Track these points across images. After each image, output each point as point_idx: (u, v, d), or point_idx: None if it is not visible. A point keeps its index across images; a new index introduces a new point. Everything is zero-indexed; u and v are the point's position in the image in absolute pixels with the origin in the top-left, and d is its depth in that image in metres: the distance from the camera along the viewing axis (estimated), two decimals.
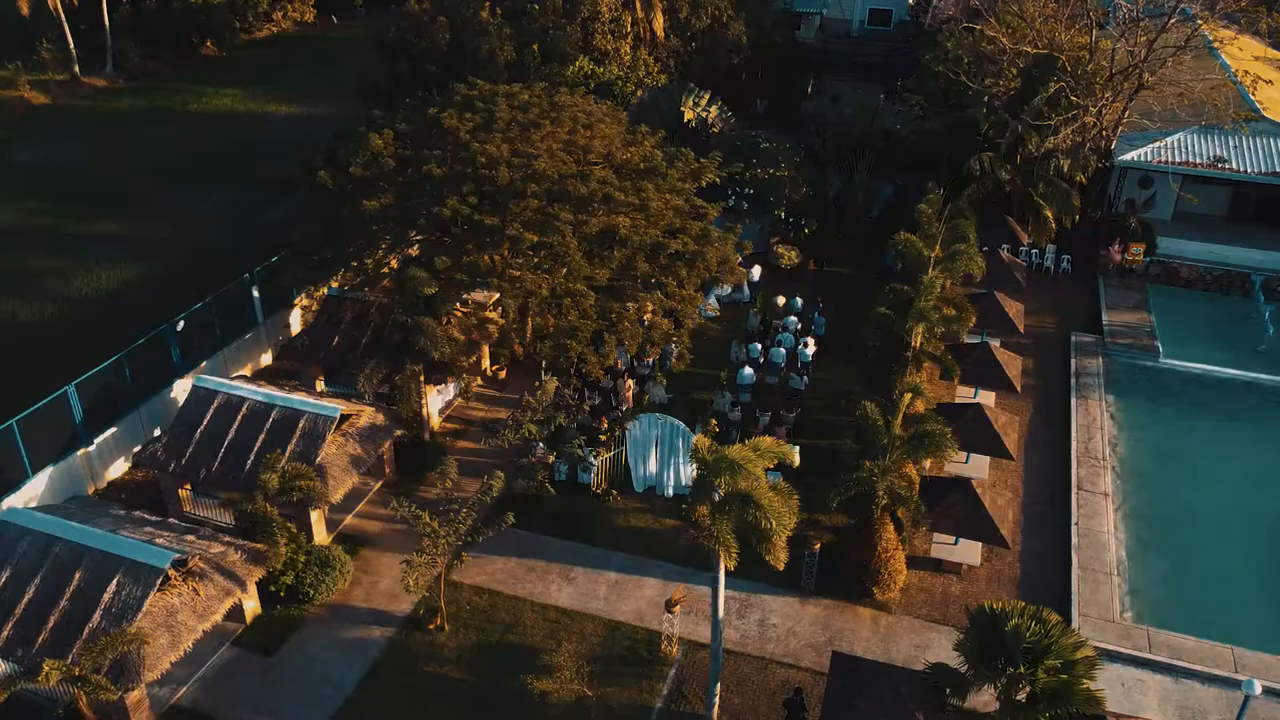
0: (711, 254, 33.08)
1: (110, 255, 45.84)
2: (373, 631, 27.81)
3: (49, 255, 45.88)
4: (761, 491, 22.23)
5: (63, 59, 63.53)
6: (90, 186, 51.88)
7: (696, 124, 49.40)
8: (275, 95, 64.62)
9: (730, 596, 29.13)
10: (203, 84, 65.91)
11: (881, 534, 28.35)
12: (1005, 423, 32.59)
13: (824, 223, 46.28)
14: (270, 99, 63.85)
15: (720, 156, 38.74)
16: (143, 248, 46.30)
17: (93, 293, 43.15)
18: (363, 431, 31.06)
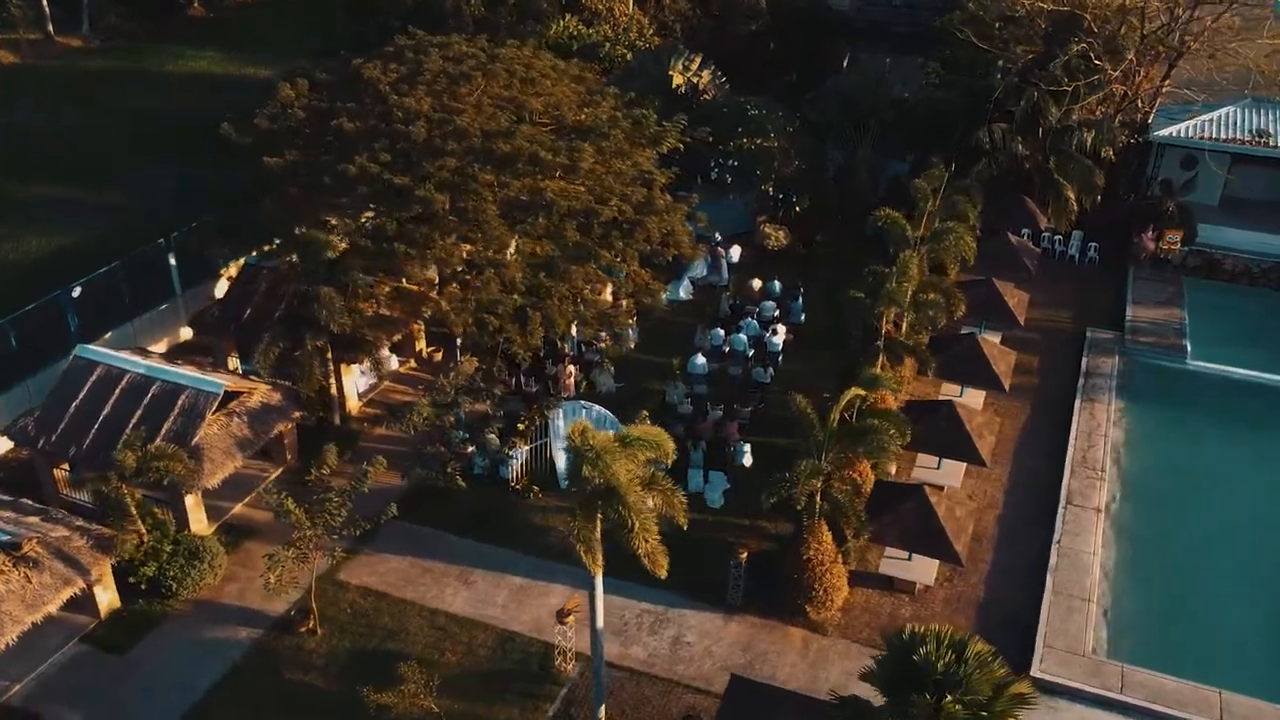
0: (652, 224, 31.20)
1: (49, 221, 45.25)
2: (239, 632, 26.48)
3: None
4: (628, 486, 20.35)
5: (35, 17, 63.59)
6: (47, 150, 51.51)
7: (686, 90, 47.50)
8: (256, 58, 63.94)
9: (645, 610, 27.34)
10: (181, 45, 65.58)
11: (814, 544, 26.24)
12: (981, 424, 30.26)
13: (819, 201, 44.04)
14: (250, 61, 63.22)
15: (684, 121, 36.83)
16: (87, 215, 45.63)
17: (19, 258, 42.58)
18: (253, 411, 29.78)
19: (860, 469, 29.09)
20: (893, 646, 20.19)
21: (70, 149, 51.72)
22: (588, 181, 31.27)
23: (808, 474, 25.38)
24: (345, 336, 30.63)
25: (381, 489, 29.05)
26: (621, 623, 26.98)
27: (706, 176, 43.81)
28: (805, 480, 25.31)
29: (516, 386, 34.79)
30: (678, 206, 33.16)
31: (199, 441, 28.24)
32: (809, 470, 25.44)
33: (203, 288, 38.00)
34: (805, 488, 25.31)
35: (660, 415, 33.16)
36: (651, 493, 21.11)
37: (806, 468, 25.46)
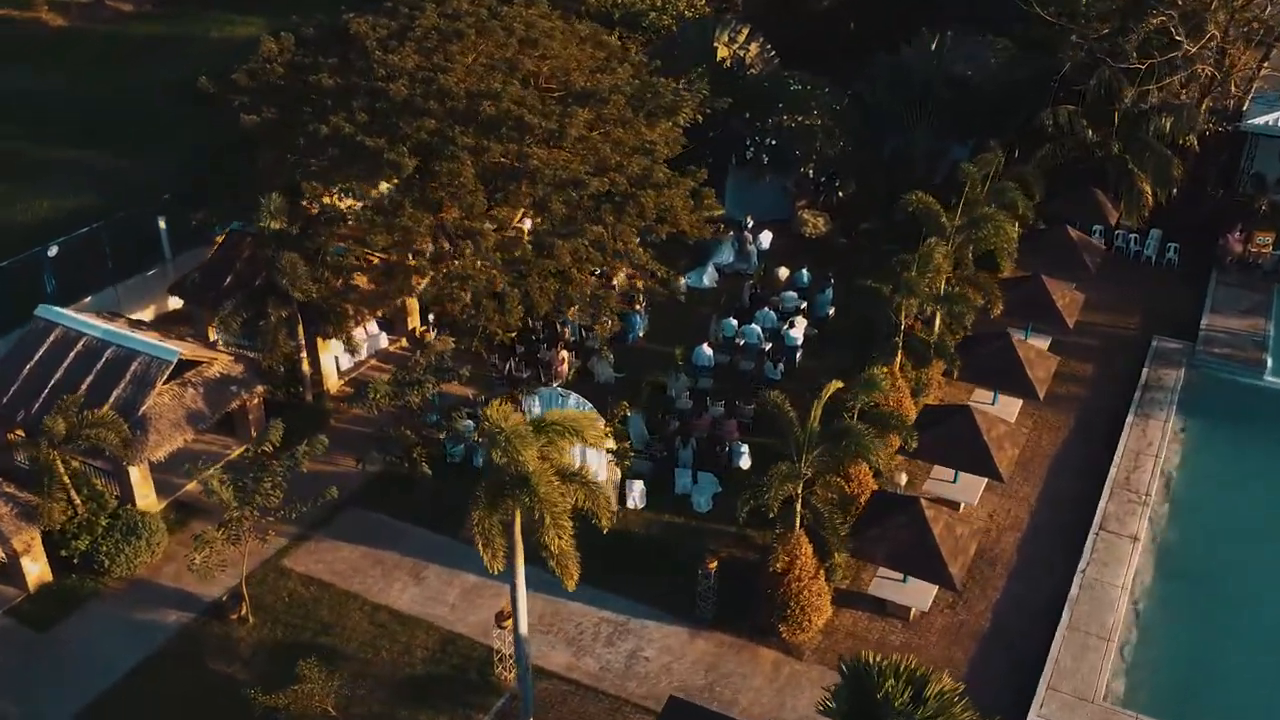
0: (647, 199, 29.64)
1: (63, 186, 45.57)
2: (169, 615, 25.81)
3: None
4: (540, 475, 18.90)
5: None
6: (78, 116, 52.14)
7: (732, 63, 45.78)
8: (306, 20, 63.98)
9: (605, 619, 25.91)
10: (229, 11, 66.08)
11: (789, 557, 24.43)
12: (1003, 434, 28.06)
13: (866, 186, 41.90)
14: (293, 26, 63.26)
15: (706, 90, 35.17)
16: (102, 181, 45.82)
17: (27, 220, 42.89)
18: (210, 383, 29.16)
19: (860, 477, 27.18)
20: (847, 676, 18.50)
21: (99, 114, 52.22)
22: (580, 150, 29.87)
23: (781, 478, 23.59)
24: (320, 309, 29.79)
25: (348, 474, 28.23)
26: (576, 631, 25.59)
27: (742, 156, 42.07)
28: (778, 485, 23.52)
29: (507, 371, 33.65)
30: (681, 181, 31.53)
31: (146, 411, 27.69)
32: (783, 474, 23.64)
33: (196, 254, 37.64)
34: (778, 493, 23.51)
35: (656, 410, 31.71)
36: (573, 486, 19.62)
37: (780, 471, 23.67)
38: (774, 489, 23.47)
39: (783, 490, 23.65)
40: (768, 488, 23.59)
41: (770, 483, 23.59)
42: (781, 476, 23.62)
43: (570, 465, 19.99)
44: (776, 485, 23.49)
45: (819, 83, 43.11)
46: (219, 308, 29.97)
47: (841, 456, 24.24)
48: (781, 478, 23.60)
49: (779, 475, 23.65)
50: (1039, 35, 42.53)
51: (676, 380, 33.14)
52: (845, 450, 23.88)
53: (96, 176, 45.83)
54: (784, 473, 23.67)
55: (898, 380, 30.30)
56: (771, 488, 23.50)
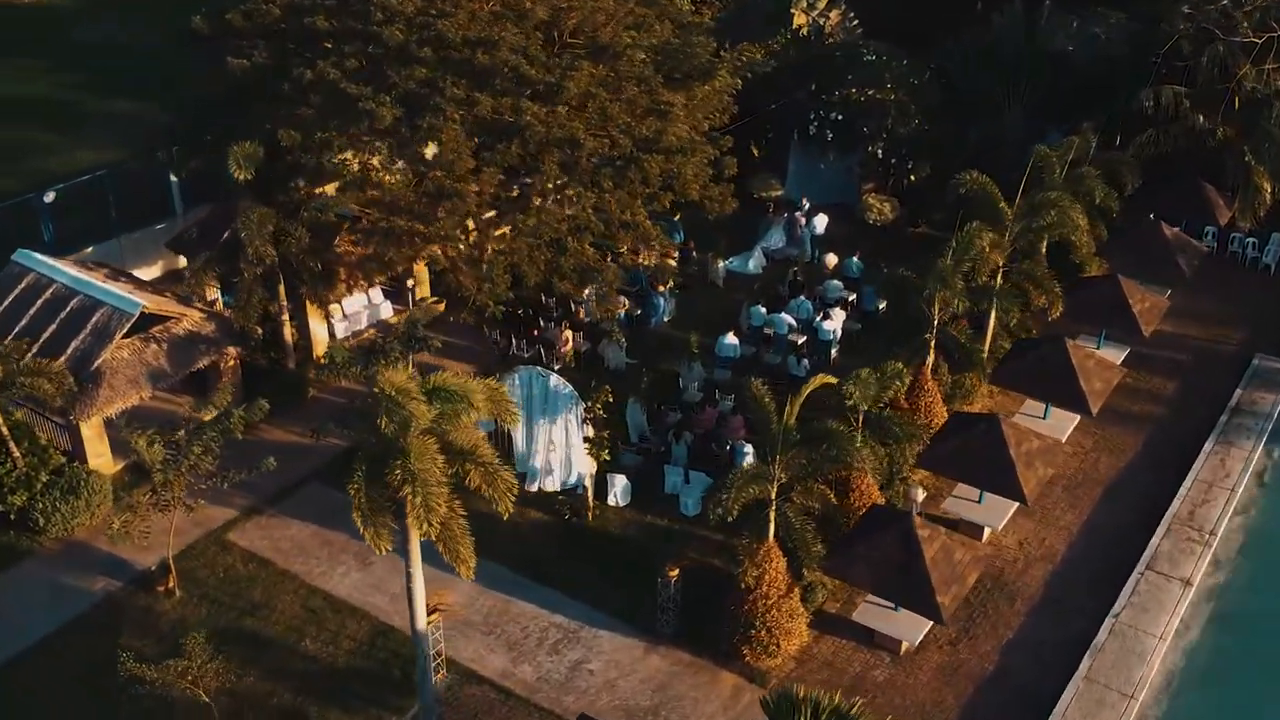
0: (651, 163, 27.90)
1: (110, 138, 46.14)
2: (97, 582, 25.30)
3: (48, 129, 46.83)
4: (419, 447, 17.45)
5: None
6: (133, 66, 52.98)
7: (810, 31, 43.64)
8: None
9: (555, 624, 24.41)
10: None
11: (760, 571, 22.47)
12: (1034, 451, 25.49)
13: (942, 170, 39.12)
14: None
15: (756, 52, 33.21)
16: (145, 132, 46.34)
17: (61, 169, 43.41)
18: (176, 340, 28.65)
19: (862, 488, 25.01)
20: (768, 709, 16.71)
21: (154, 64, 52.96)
22: (586, 109, 28.34)
23: (745, 480, 21.64)
24: (298, 269, 29.00)
25: (322, 448, 27.29)
26: (521, 634, 24.14)
27: (805, 132, 39.93)
28: (740, 487, 21.58)
29: (508, 348, 32.41)
30: (699, 148, 29.65)
31: (102, 365, 27.28)
32: (747, 475, 21.69)
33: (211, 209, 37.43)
34: (739, 497, 21.57)
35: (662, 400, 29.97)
36: (469, 465, 18.13)
37: (744, 472, 21.73)
38: (734, 491, 21.52)
39: (746, 493, 21.66)
40: (728, 489, 21.66)
41: (732, 483, 21.64)
42: (745, 478, 21.66)
43: (469, 440, 18.45)
44: (738, 487, 21.53)
45: (897, 54, 40.56)
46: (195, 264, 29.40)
47: (821, 462, 22.13)
48: (745, 479, 21.63)
49: (743, 476, 21.70)
50: (1143, 4, 39.22)
51: (690, 370, 31.33)
52: (824, 455, 21.76)
53: (137, 128, 46.20)
54: (748, 474, 21.70)
55: (927, 383, 27.93)
56: (732, 489, 21.55)
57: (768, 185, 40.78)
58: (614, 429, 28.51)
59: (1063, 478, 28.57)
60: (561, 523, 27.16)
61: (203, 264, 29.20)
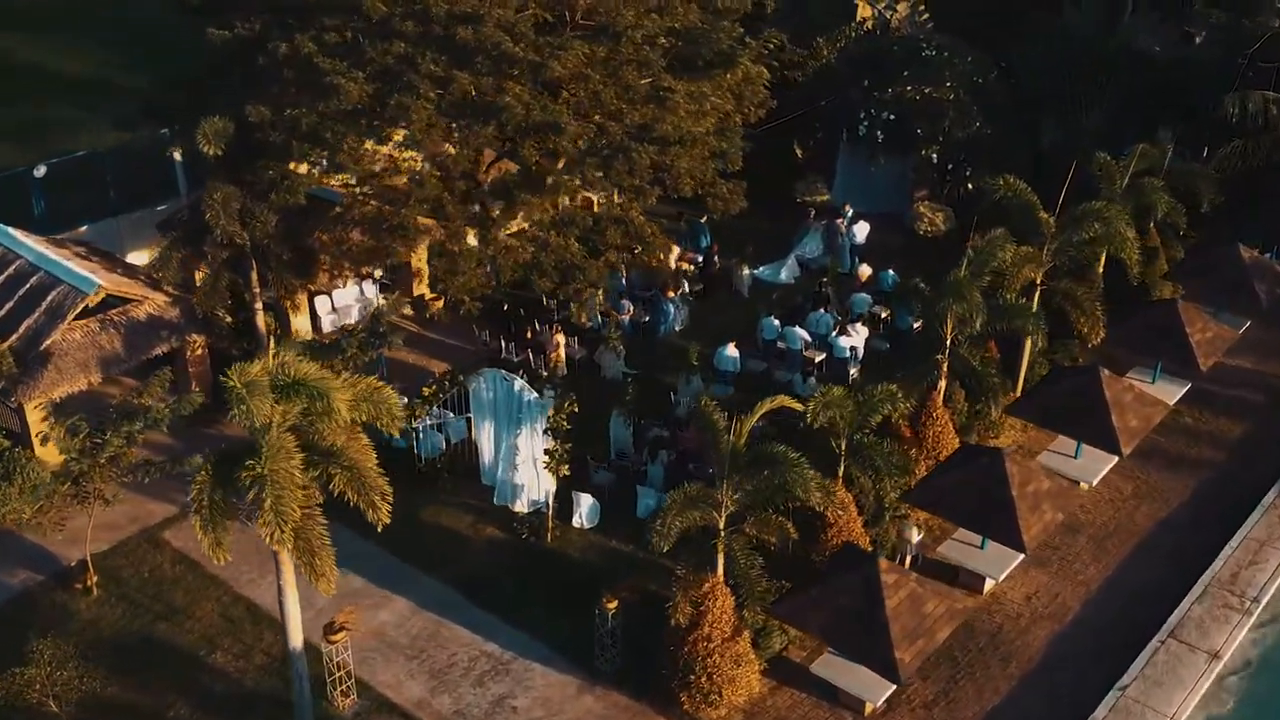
0: (640, 153, 26.34)
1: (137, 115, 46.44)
2: (17, 575, 24.76)
3: (82, 106, 47.25)
4: (276, 445, 16.21)
5: None
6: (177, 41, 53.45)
7: (875, 24, 41.67)
8: None
9: (486, 652, 23.09)
10: None
11: (702, 609, 20.72)
12: (1043, 493, 23.28)
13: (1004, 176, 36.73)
14: None
15: (779, 39, 31.46)
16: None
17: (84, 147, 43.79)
18: (135, 324, 28.10)
19: (843, 524, 23.05)
20: None
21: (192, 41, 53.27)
22: (576, 92, 26.99)
23: (681, 505, 19.94)
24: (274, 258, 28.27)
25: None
26: (447, 661, 22.81)
27: (854, 131, 37.94)
28: (675, 513, 19.88)
29: (499, 351, 31.20)
30: (700, 139, 27.99)
31: (51, 346, 26.81)
32: (683, 500, 19.98)
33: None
34: (671, 525, 19.86)
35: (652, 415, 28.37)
36: (332, 469, 16.84)
37: (679, 497, 20.03)
38: (668, 517, 19.82)
39: (685, 520, 19.94)
40: (661, 514, 19.98)
41: (667, 509, 19.96)
42: (683, 502, 19.94)
43: (340, 440, 17.17)
44: (674, 512, 19.82)
45: (961, 50, 38.29)
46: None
47: (768, 490, 20.30)
48: (683, 504, 19.92)
49: (680, 500, 19.99)
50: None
51: (686, 384, 29.66)
52: (769, 482, 19.93)
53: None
54: (688, 498, 19.98)
55: (936, 410, 25.80)
56: (666, 515, 19.86)
57: (813, 189, 38.94)
58: (590, 443, 27.14)
59: (1090, 526, 26.18)
60: (518, 542, 25.76)
61: (169, 245, 28.58)
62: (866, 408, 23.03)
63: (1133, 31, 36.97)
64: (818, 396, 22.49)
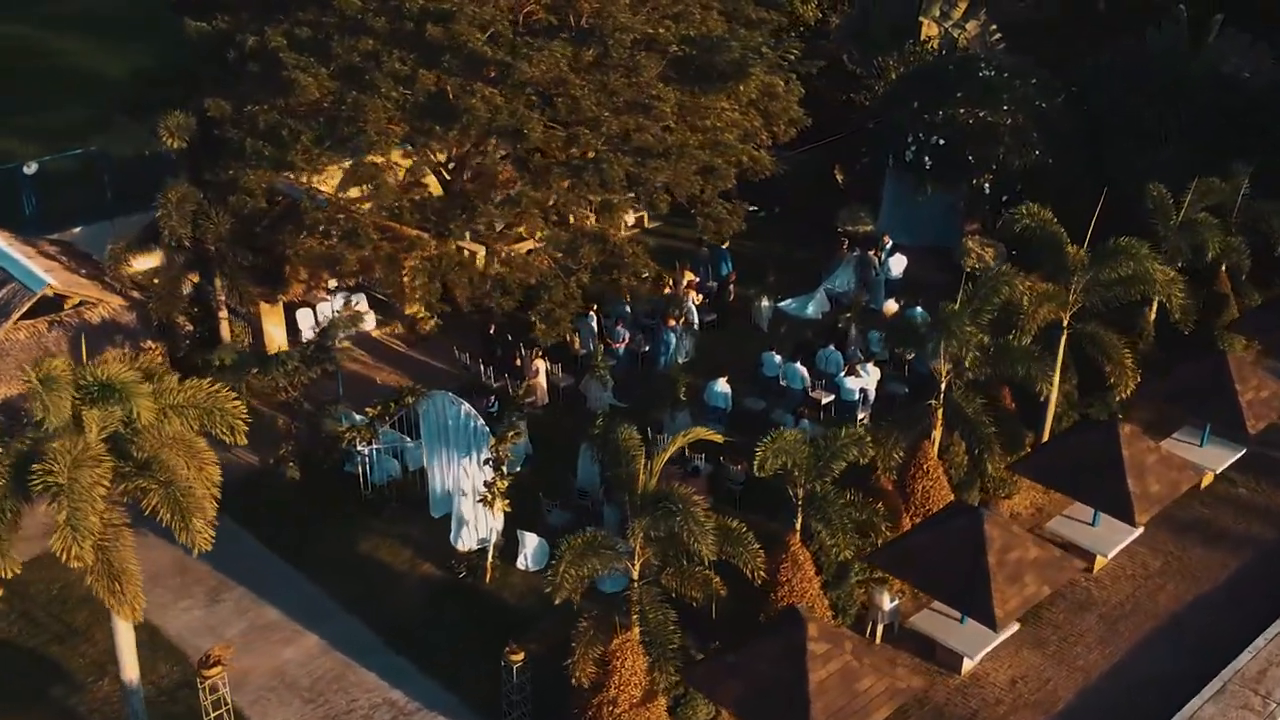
0: (615, 167, 24.92)
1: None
2: None
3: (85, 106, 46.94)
4: (75, 452, 15.12)
5: None
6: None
7: (941, 44, 39.75)
8: None
9: (389, 700, 21.83)
10: None
11: (608, 670, 19.03)
12: (1027, 563, 21.10)
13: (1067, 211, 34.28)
14: None
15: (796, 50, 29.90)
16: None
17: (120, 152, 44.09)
18: (87, 328, 27.61)
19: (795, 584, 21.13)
20: None
21: None
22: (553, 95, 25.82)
23: (577, 553, 18.31)
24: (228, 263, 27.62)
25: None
26: (345, 707, 21.55)
27: (901, 157, 35.97)
28: (571, 561, 18.26)
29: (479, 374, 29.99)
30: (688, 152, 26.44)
31: None
32: (580, 547, 18.36)
33: None
34: (567, 574, 18.24)
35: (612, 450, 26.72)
36: (145, 482, 15.68)
37: (577, 544, 18.41)
38: (563, 565, 18.20)
39: (579, 570, 18.31)
40: (558, 559, 18.39)
41: (561, 556, 18.35)
42: (579, 549, 18.31)
43: (157, 454, 16.01)
44: (567, 561, 18.19)
45: (1026, 71, 36.08)
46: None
47: (676, 544, 18.58)
48: (579, 551, 18.29)
49: (577, 547, 18.37)
50: None
51: (672, 420, 27.99)
52: (679, 530, 18.17)
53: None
54: (583, 545, 18.35)
55: (927, 463, 23.68)
56: (559, 564, 18.25)
57: (856, 219, 37.10)
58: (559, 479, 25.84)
59: (1103, 604, 23.77)
60: (454, 582, 24.38)
61: (125, 246, 28.14)
62: (827, 454, 21.09)
63: (1219, 54, 34.26)
64: (767, 442, 20.62)
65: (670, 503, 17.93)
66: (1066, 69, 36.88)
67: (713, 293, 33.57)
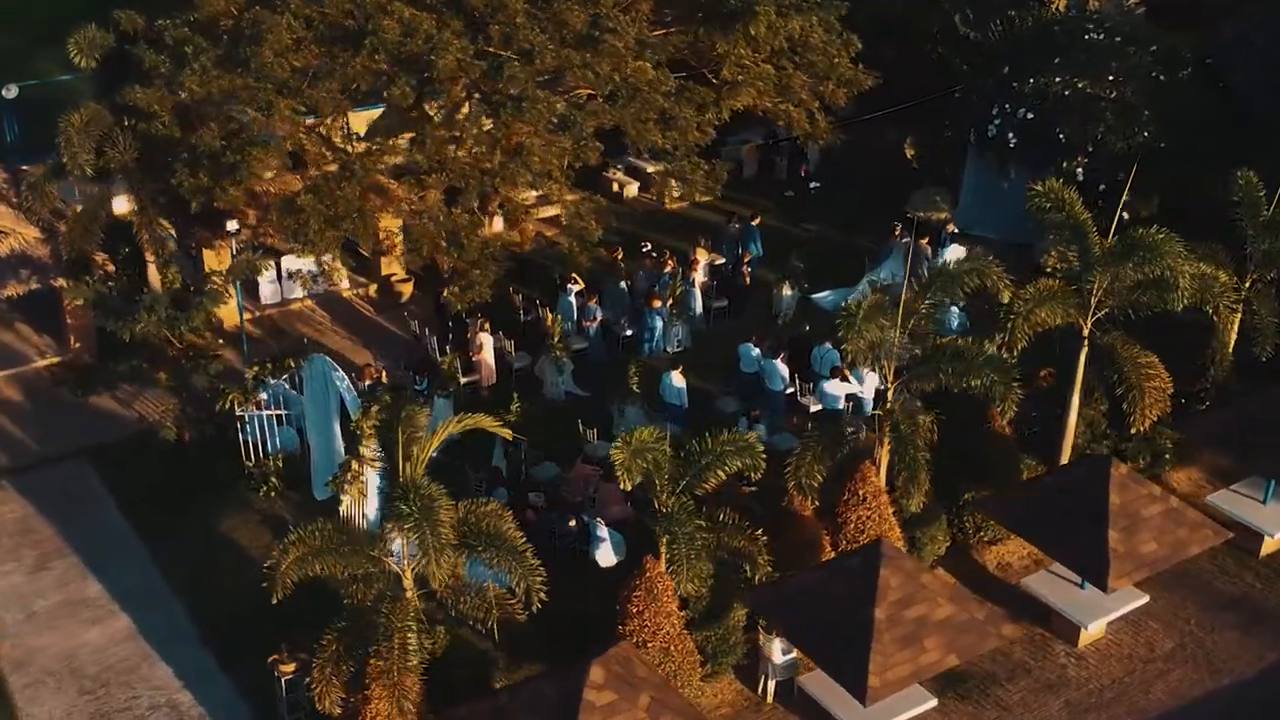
0: (538, 105, 22.22)
1: None
2: None
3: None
4: None
5: None
6: None
7: (1069, 6, 35.62)
8: None
9: (177, 703, 20.17)
10: None
11: (366, 695, 16.57)
12: (937, 622, 17.65)
13: (1178, 205, 29.67)
14: None
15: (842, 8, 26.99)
16: None
17: None
18: None
19: (659, 622, 18.16)
20: None
21: None
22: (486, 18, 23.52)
23: (297, 552, 15.90)
24: (139, 199, 26.34)
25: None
26: (122, 703, 20.00)
27: (983, 134, 32.01)
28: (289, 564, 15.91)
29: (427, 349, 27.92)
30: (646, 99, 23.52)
31: None
32: (310, 542, 15.94)
33: None
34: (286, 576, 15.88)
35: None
36: None
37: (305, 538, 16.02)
38: (284, 565, 15.78)
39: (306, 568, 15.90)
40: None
41: (285, 548, 15.95)
42: (309, 544, 15.87)
43: None
44: (290, 558, 15.76)
45: (1149, 37, 31.59)
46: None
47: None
48: (306, 545, 15.85)
49: (299, 542, 15.92)
50: None
51: (621, 416, 25.23)
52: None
53: None
54: (319, 539, 15.89)
55: (863, 489, 20.19)
56: (284, 557, 15.85)
57: (931, 204, 33.22)
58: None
59: (1075, 688, 19.95)
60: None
61: (45, 174, 27.03)
62: (699, 466, 18.01)
63: None
64: (621, 440, 17.71)
65: (416, 500, 15.24)
66: (1205, 39, 32.11)
67: (725, 275, 30.43)
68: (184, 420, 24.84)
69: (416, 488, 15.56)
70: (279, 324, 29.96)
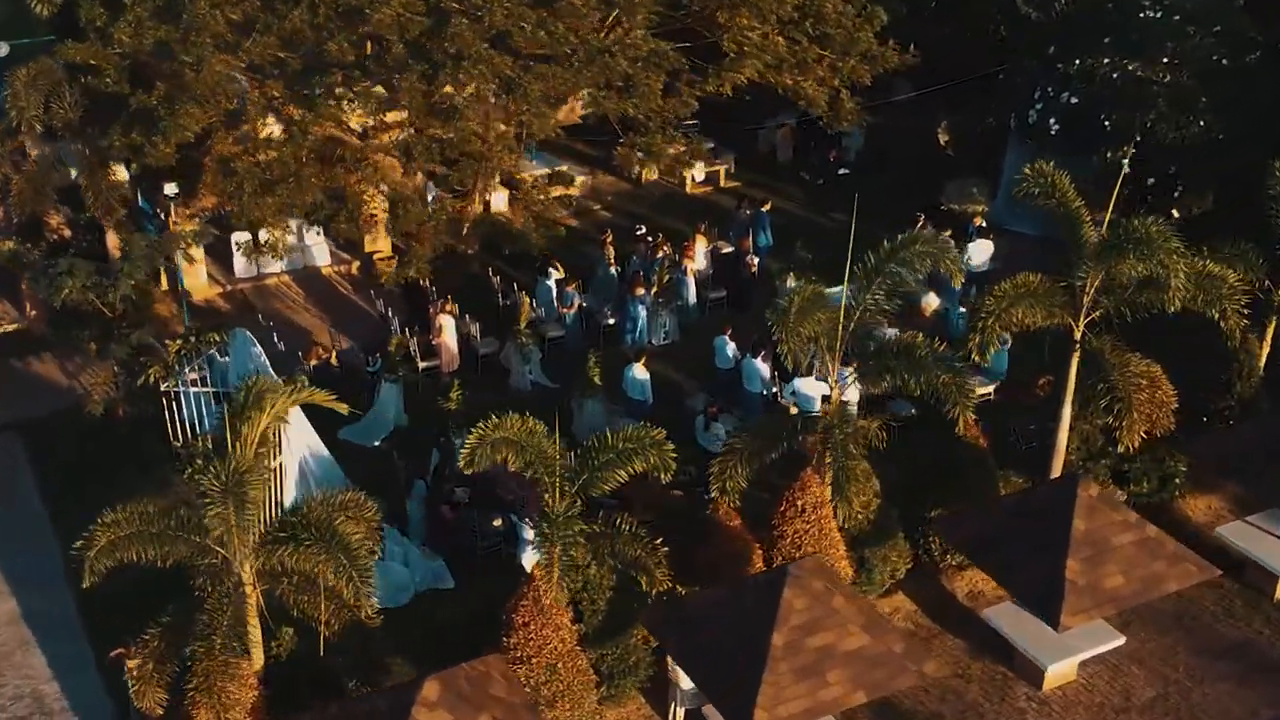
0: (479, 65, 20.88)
1: None
2: None
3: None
4: None
5: None
6: None
7: None
8: None
9: (42, 693, 19.51)
10: None
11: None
12: (841, 653, 15.94)
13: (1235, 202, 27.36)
14: None
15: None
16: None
17: None
18: None
19: (533, 632, 16.78)
20: None
21: None
22: None
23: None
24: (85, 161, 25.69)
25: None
26: None
27: (1024, 119, 29.98)
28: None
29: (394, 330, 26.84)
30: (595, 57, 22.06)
31: None
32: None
33: None
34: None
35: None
36: None
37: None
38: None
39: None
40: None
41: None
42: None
43: None
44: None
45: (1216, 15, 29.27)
46: None
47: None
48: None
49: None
50: None
51: (580, 409, 23.83)
52: None
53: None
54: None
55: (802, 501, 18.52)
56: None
57: (966, 196, 31.32)
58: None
59: None
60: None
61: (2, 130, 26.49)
62: (596, 462, 16.57)
63: None
64: (478, 426, 16.36)
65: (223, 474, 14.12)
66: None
67: (728, 263, 28.85)
68: (116, 395, 24.06)
69: (234, 465, 14.41)
70: (249, 299, 29.20)
